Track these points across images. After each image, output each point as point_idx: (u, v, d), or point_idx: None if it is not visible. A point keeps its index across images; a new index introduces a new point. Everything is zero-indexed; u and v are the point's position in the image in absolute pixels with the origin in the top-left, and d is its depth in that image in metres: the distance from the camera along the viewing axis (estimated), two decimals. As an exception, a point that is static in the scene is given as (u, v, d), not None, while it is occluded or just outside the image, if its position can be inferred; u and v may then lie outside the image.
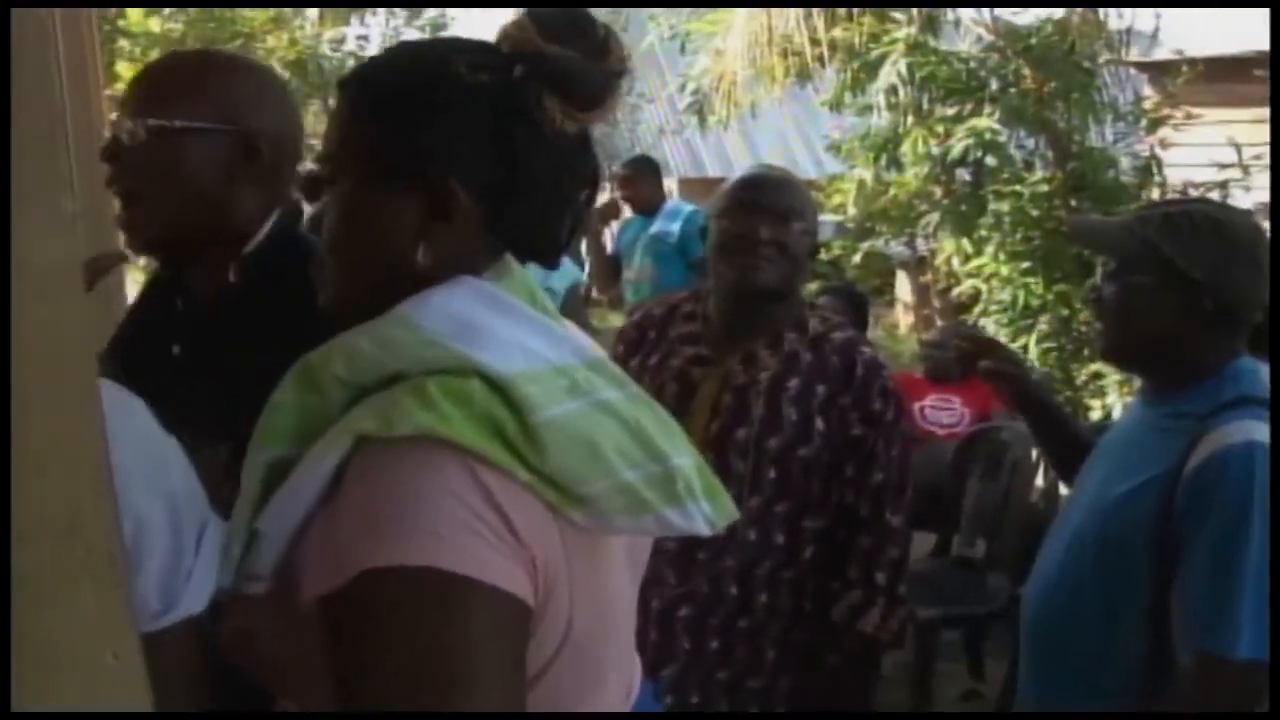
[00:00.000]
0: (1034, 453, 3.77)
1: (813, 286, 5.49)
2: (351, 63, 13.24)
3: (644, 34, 11.74)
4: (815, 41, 6.81)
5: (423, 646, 0.82)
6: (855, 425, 1.97)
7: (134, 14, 12.12)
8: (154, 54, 12.46)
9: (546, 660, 0.92)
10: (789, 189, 2.02)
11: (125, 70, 12.60)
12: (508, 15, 1.08)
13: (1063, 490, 4.11)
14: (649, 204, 5.70)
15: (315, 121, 14.03)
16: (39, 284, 0.64)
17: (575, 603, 0.92)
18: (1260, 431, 1.59)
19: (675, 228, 5.42)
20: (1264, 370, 1.71)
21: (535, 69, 0.97)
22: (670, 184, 13.04)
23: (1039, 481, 3.87)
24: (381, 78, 1.01)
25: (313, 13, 13.90)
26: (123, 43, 12.34)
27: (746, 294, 2.00)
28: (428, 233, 0.96)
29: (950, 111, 6.57)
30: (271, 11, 12.56)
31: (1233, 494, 1.55)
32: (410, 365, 0.90)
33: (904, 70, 6.47)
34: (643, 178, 5.85)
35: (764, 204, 1.97)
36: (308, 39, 12.97)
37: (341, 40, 13.63)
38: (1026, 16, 7.07)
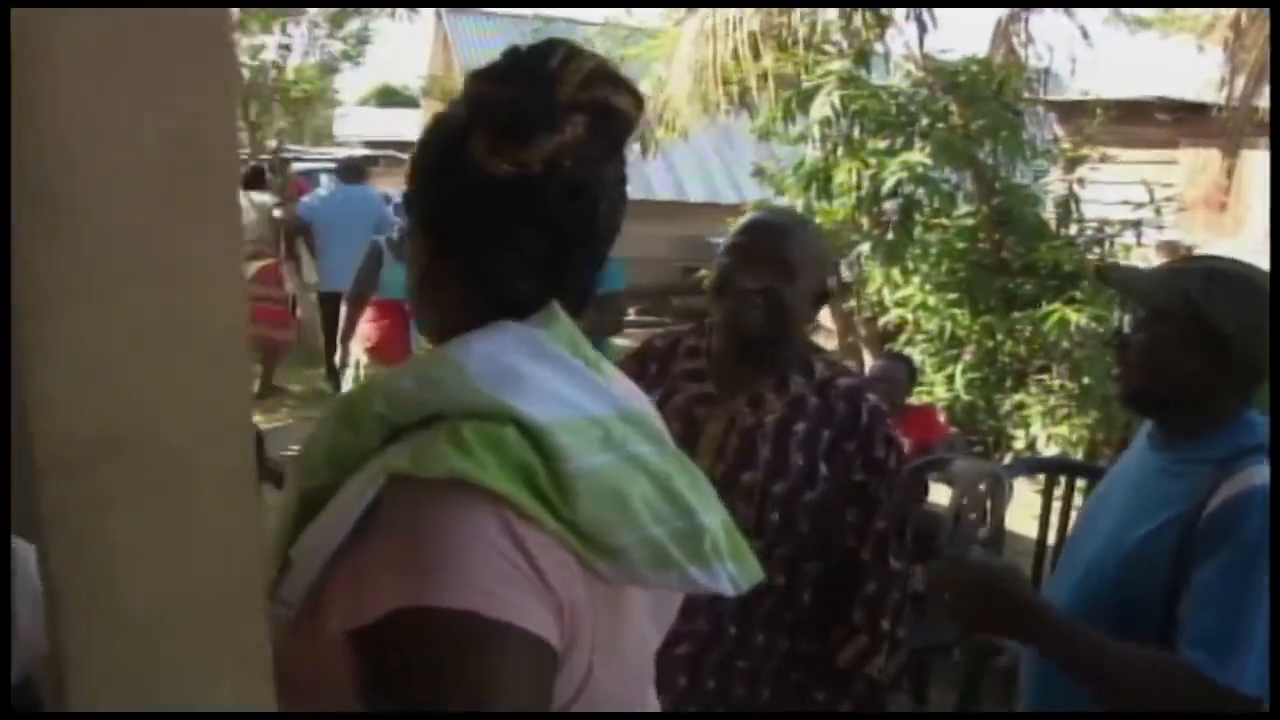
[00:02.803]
0: (981, 486, 3.81)
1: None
2: (274, 73, 13.00)
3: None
4: (761, 75, 6.88)
5: (458, 687, 0.82)
6: (858, 471, 1.96)
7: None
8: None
9: (564, 703, 0.93)
10: (788, 237, 1.98)
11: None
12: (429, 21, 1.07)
13: (1013, 526, 4.19)
14: None
15: (230, 130, 13.73)
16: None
17: (597, 649, 0.94)
18: (1266, 476, 1.64)
19: None
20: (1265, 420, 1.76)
21: (471, 111, 0.98)
22: (592, 205, 13.03)
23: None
24: None
25: (232, 19, 13.57)
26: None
27: (735, 337, 1.99)
28: (428, 276, 1.04)
29: (882, 144, 6.67)
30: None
31: (1253, 533, 1.59)
32: (449, 407, 0.91)
33: (837, 102, 6.56)
34: None
35: (757, 251, 1.94)
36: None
37: (261, 48, 13.34)
38: (953, 54, 7.24)
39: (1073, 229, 7.11)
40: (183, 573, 0.53)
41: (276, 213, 8.33)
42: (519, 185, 0.95)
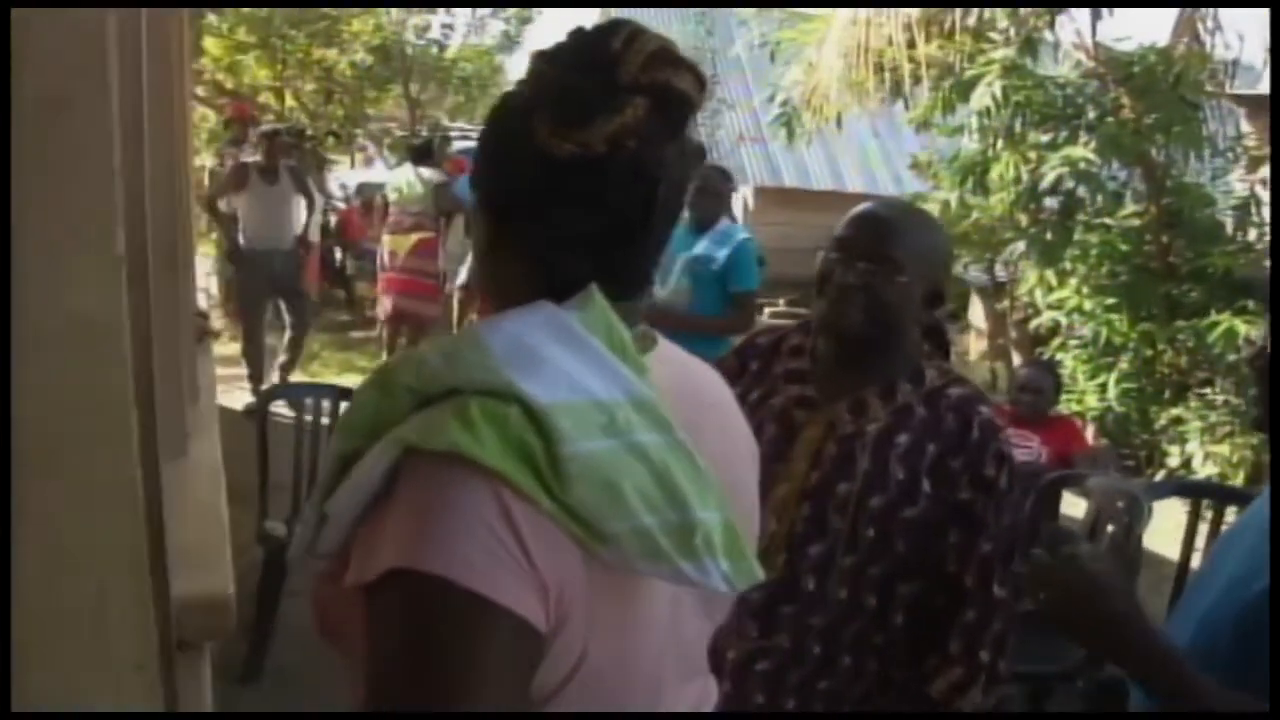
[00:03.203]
0: (1119, 505, 3.59)
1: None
2: (435, 50, 13.29)
3: (732, 40, 11.63)
4: (912, 59, 6.63)
5: (427, 651, 0.87)
6: (964, 489, 1.82)
7: (222, -9, 12.19)
8: (241, 30, 12.54)
9: (555, 686, 0.94)
10: (895, 230, 1.85)
11: (212, 46, 12.70)
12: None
13: (1159, 548, 3.93)
14: (705, 220, 4.97)
15: (394, 107, 14.12)
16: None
17: (593, 635, 0.94)
18: None
19: (722, 255, 4.80)
20: None
21: (533, 91, 1.01)
22: (747, 192, 12.90)
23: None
24: None
25: (399, -2, 13.98)
26: (211, 18, 12.41)
27: (833, 336, 1.88)
28: (488, 255, 1.08)
29: (1044, 138, 6.37)
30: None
31: None
32: (465, 383, 0.94)
33: (999, 93, 6.28)
34: (709, 191, 5.25)
35: (860, 246, 1.83)
36: (393, 24, 12.97)
37: (426, 28, 13.65)
38: (1129, 43, 6.85)
39: (1251, 233, 6.66)
40: (64, 582, 0.50)
41: (439, 190, 8.47)
42: (580, 165, 0.97)
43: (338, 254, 11.70)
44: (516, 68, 17.07)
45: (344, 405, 4.33)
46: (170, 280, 2.55)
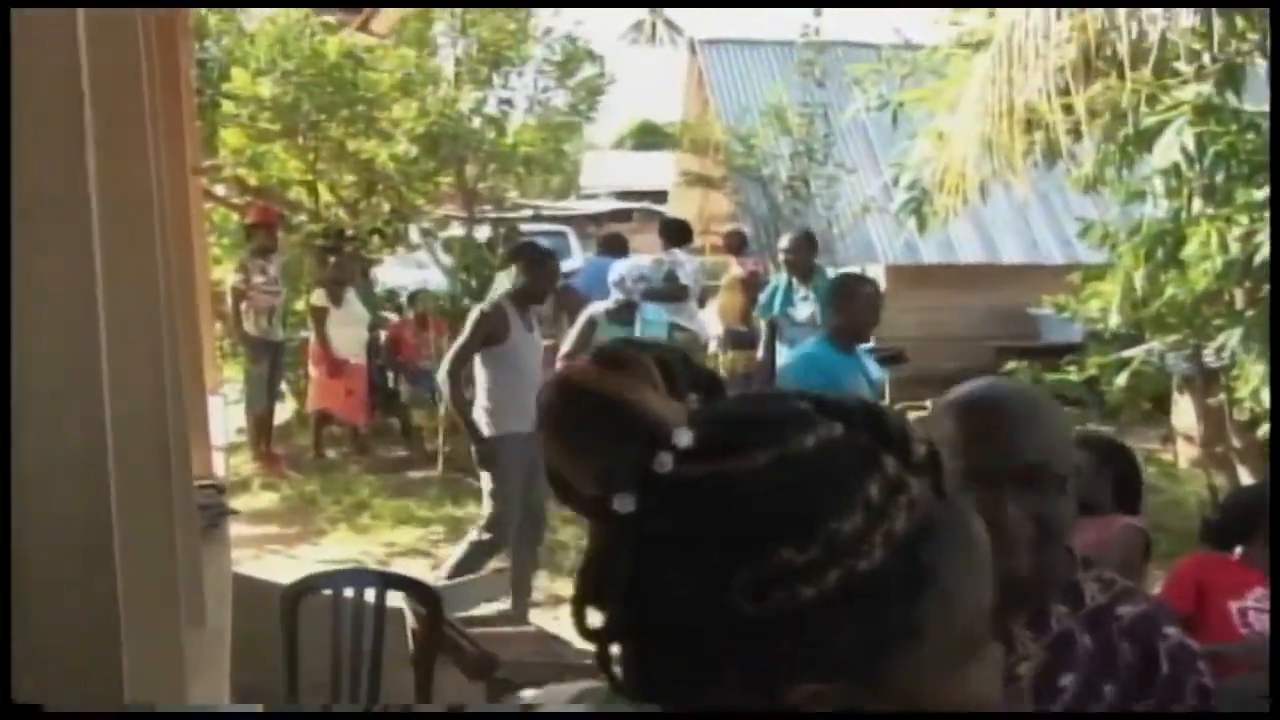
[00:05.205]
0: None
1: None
2: (492, 133, 13.45)
3: (848, 102, 11.59)
4: (1068, 108, 6.39)
5: None
6: None
7: (240, 77, 12.41)
8: (263, 120, 12.81)
9: None
10: (1041, 427, 1.71)
11: (231, 138, 13.01)
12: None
13: None
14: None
15: (450, 193, 14.26)
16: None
17: None
18: None
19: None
20: None
21: None
22: (878, 271, 12.71)
23: None
24: None
25: (447, 74, 14.24)
26: (229, 106, 12.66)
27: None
28: None
29: (1258, 194, 6.08)
30: (397, 75, 12.70)
31: None
32: None
33: (1190, 142, 6.03)
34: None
35: (1013, 466, 1.66)
36: (440, 105, 13.13)
37: (482, 102, 13.85)
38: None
39: None
40: None
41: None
42: None
43: (390, 377, 11.80)
44: (592, 134, 17.11)
45: (391, 596, 4.27)
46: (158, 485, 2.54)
